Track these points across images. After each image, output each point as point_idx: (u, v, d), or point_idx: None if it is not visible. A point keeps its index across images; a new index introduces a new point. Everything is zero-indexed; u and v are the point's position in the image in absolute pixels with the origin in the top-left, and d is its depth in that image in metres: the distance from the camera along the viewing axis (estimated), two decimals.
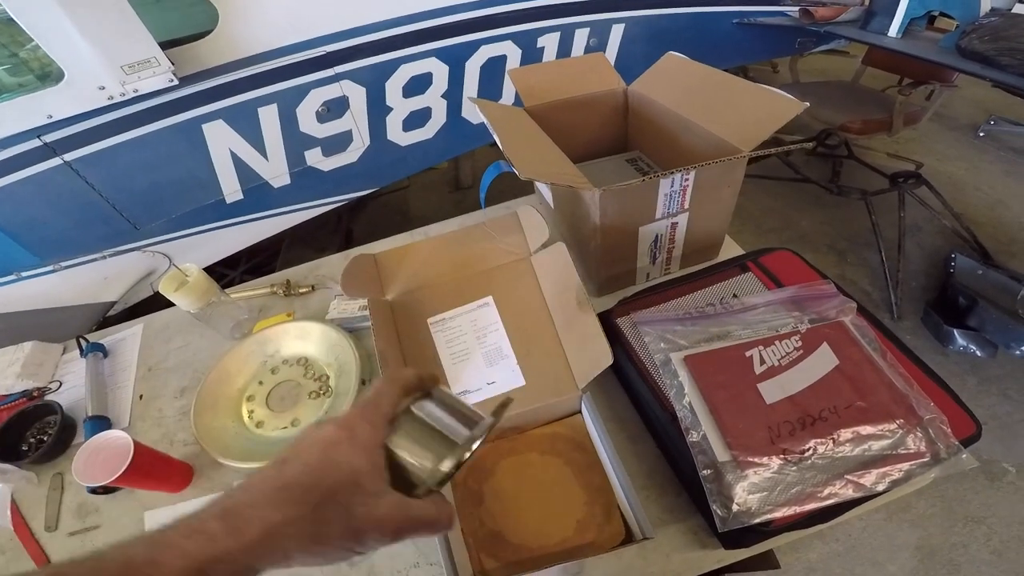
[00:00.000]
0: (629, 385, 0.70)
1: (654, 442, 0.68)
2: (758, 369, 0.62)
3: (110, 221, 1.35)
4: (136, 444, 0.69)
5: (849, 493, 0.52)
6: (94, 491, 0.76)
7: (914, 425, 0.56)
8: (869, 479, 0.53)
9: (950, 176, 2.21)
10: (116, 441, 0.71)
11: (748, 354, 0.63)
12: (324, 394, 0.82)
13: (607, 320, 0.70)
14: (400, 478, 0.34)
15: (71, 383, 0.97)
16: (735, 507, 0.52)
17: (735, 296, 0.73)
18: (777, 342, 0.64)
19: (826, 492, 0.52)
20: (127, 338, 1.05)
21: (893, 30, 1.71)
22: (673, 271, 0.88)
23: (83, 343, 1.01)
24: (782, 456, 0.54)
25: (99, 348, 1.01)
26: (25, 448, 0.86)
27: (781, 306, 0.69)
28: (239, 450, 0.77)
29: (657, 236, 0.80)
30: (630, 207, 0.73)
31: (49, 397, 0.93)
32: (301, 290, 1.01)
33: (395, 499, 0.32)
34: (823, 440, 0.55)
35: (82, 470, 0.69)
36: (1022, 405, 1.50)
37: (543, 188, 0.96)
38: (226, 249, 1.53)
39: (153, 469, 0.73)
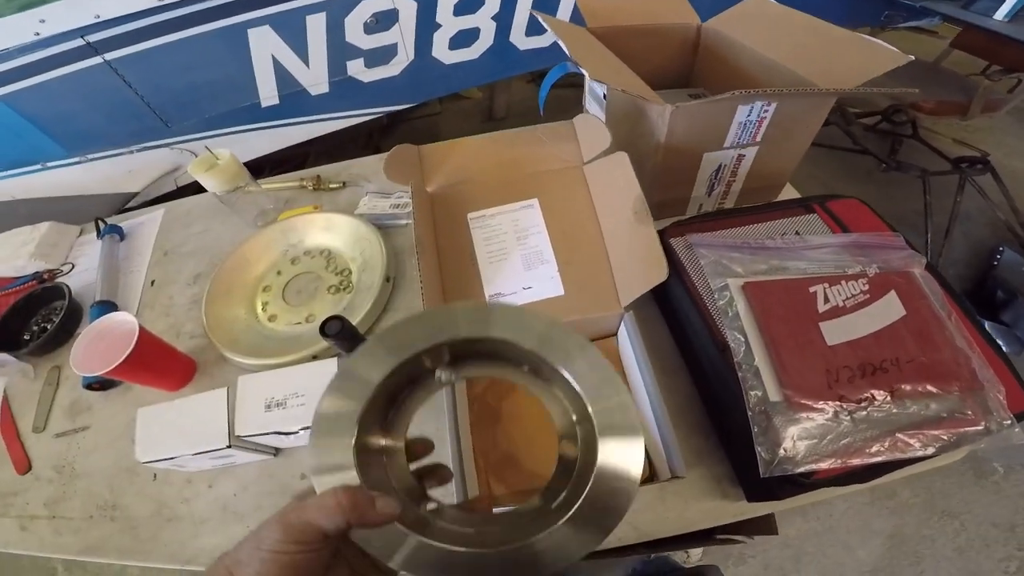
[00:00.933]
0: (675, 311, 0.65)
1: (690, 376, 0.64)
2: (821, 307, 0.56)
3: (142, 118, 1.34)
4: (141, 329, 0.66)
5: (897, 453, 0.48)
6: (89, 386, 0.74)
7: (973, 390, 0.51)
8: (920, 440, 0.48)
9: (1015, 171, 2.07)
10: (121, 326, 0.68)
11: (812, 290, 0.57)
12: (344, 289, 0.78)
13: (661, 239, 0.65)
14: None
15: (84, 266, 0.95)
16: (781, 452, 0.48)
17: (797, 233, 0.67)
18: (843, 282, 0.58)
19: (875, 448, 0.48)
20: (146, 222, 1.03)
21: (1001, 13, 1.56)
22: (727, 206, 0.82)
23: (101, 225, 0.99)
24: (838, 403, 0.50)
25: (116, 230, 0.99)
26: (27, 337, 0.83)
27: (846, 250, 0.63)
28: (248, 344, 0.74)
29: (720, 166, 0.74)
30: (700, 130, 0.68)
31: (60, 280, 0.90)
32: (332, 186, 0.98)
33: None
34: (882, 391, 0.50)
35: (81, 358, 0.65)
36: None
37: (595, 108, 0.89)
38: (254, 151, 1.49)
39: (156, 360, 0.70)
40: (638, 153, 0.74)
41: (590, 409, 0.31)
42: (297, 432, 0.58)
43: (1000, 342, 1.56)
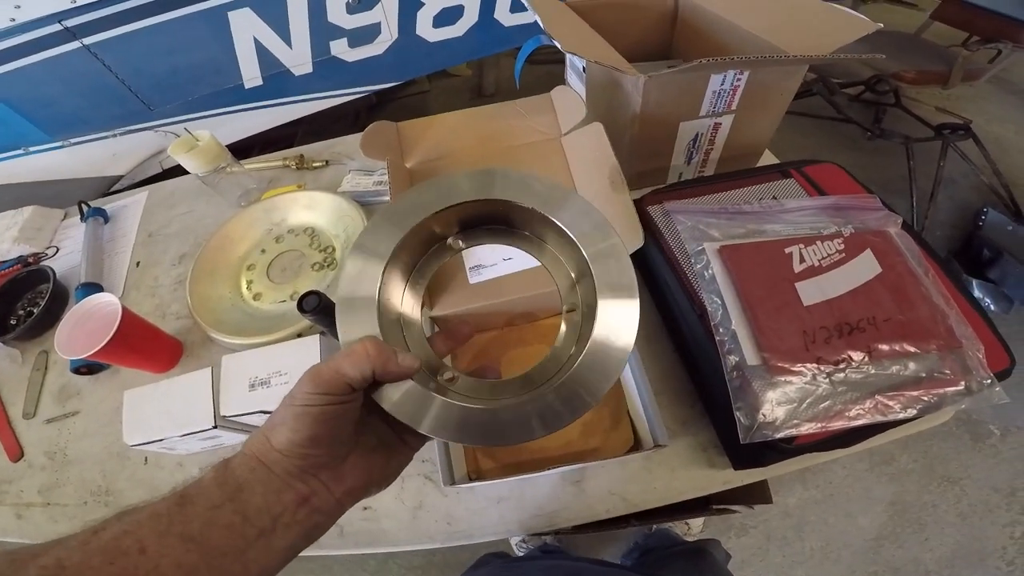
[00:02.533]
0: (654, 277, 0.65)
1: (672, 343, 0.65)
2: (797, 267, 0.57)
3: (124, 102, 1.33)
4: (125, 310, 0.66)
5: (878, 415, 0.48)
6: (77, 370, 0.74)
7: (951, 349, 0.51)
8: (900, 402, 0.48)
9: (997, 137, 2.10)
10: (104, 307, 0.67)
11: (788, 251, 0.58)
12: (328, 266, 0.79)
13: (637, 207, 0.65)
14: None
15: (69, 248, 0.95)
16: (761, 417, 0.48)
17: (775, 198, 0.67)
18: (819, 242, 0.59)
19: (855, 411, 0.48)
20: (130, 205, 1.02)
21: None
22: (708, 175, 0.82)
23: (85, 208, 0.98)
24: (816, 365, 0.50)
25: (100, 213, 0.98)
26: (14, 322, 0.83)
27: (823, 212, 0.63)
28: (233, 323, 0.74)
29: (697, 135, 0.74)
30: (674, 99, 0.68)
31: (45, 264, 0.89)
32: (315, 164, 0.98)
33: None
34: (860, 352, 0.50)
35: (65, 341, 0.65)
36: (1021, 368, 1.46)
37: (575, 82, 0.89)
38: (240, 132, 1.48)
39: (142, 342, 0.70)
40: (617, 124, 0.74)
41: (584, 253, 0.33)
42: None
43: (988, 299, 1.61)
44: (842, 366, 0.50)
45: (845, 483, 1.41)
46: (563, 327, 0.36)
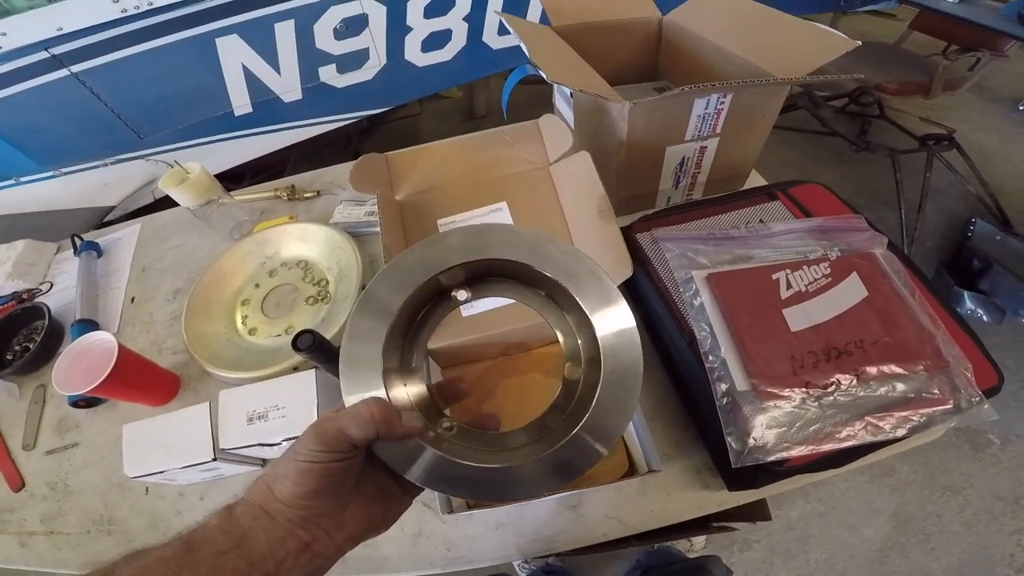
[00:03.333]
0: (645, 305, 0.66)
1: (664, 370, 0.66)
2: (784, 294, 0.58)
3: (114, 130, 1.33)
4: (121, 347, 0.66)
5: (867, 436, 0.49)
6: (75, 404, 0.74)
7: (939, 369, 0.52)
8: (889, 422, 0.49)
9: (981, 146, 2.14)
10: (100, 345, 0.68)
11: (775, 277, 0.59)
12: (322, 300, 0.79)
13: (625, 235, 0.66)
14: None
15: (63, 284, 0.94)
16: (751, 441, 0.49)
17: (761, 221, 0.68)
18: (805, 267, 0.60)
19: (844, 433, 0.49)
20: (123, 238, 1.02)
21: None
22: (696, 198, 0.84)
23: (78, 241, 0.98)
24: (804, 389, 0.51)
25: (94, 247, 0.98)
26: (10, 357, 0.83)
27: (809, 235, 0.65)
28: (229, 358, 0.74)
29: (684, 159, 0.76)
30: (660, 125, 0.69)
31: (39, 299, 0.90)
32: (306, 195, 0.98)
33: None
34: (848, 375, 0.51)
35: (62, 378, 0.66)
36: (1018, 376, 1.49)
37: (563, 107, 0.90)
38: (231, 160, 1.49)
39: (138, 378, 0.71)
40: (604, 150, 0.75)
41: (564, 284, 0.34)
42: (280, 443, 0.59)
43: (980, 311, 1.63)
44: (830, 389, 0.51)
45: (846, 495, 1.41)
46: (561, 386, 0.37)
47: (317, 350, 0.54)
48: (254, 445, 0.59)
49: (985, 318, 1.57)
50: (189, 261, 0.94)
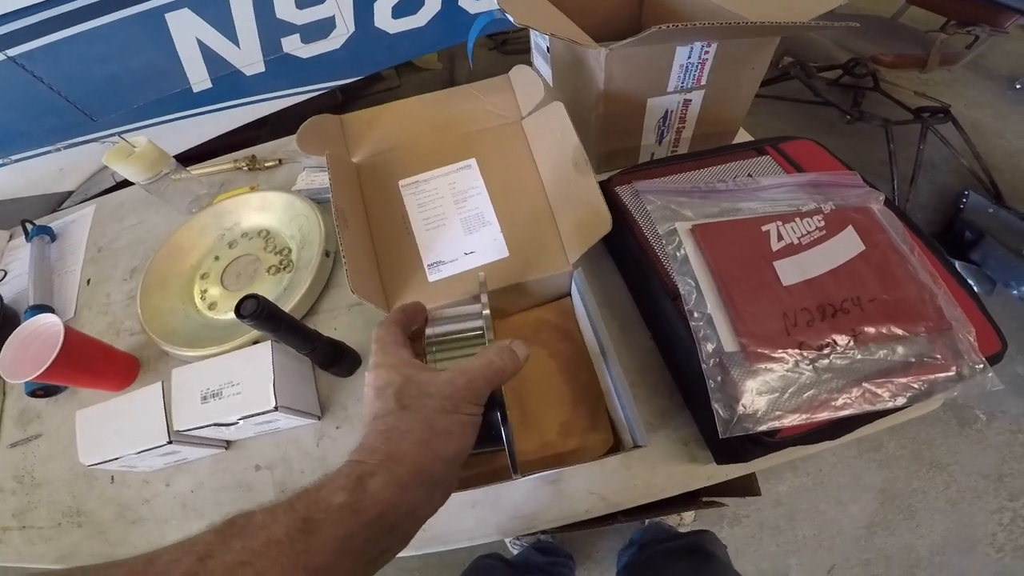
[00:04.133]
0: (627, 261, 0.62)
1: (648, 332, 0.62)
2: (775, 245, 0.53)
3: (63, 114, 1.26)
4: (68, 329, 0.62)
5: (865, 404, 0.44)
6: (33, 393, 0.70)
7: (941, 332, 0.48)
8: (889, 389, 0.45)
9: (975, 122, 2.11)
10: (47, 329, 0.64)
11: (765, 228, 0.54)
12: (285, 268, 0.74)
13: (605, 189, 0.61)
14: None
15: (16, 271, 0.90)
16: (740, 408, 0.44)
17: (750, 176, 0.64)
18: (797, 219, 0.55)
19: (841, 401, 0.44)
20: (78, 220, 0.97)
21: None
22: (681, 153, 0.79)
23: (29, 227, 0.93)
24: (798, 350, 0.46)
25: (46, 231, 0.94)
26: None
27: (801, 189, 0.60)
28: (186, 335, 0.70)
29: (667, 112, 0.71)
30: (639, 74, 0.64)
31: None
32: (267, 164, 0.92)
33: (449, 371, 0.34)
34: (844, 335, 0.47)
35: (9, 366, 0.62)
36: (1009, 355, 1.45)
37: (541, 64, 0.85)
38: (195, 138, 1.41)
39: (91, 361, 0.67)
40: (583, 104, 0.71)
41: None
42: (237, 423, 0.54)
43: (970, 281, 1.60)
44: (826, 351, 0.46)
45: (835, 470, 1.41)
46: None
47: (263, 317, 0.49)
48: (209, 425, 0.54)
49: (976, 288, 1.54)
50: (147, 239, 0.88)
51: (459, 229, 0.59)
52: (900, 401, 0.45)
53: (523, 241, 0.58)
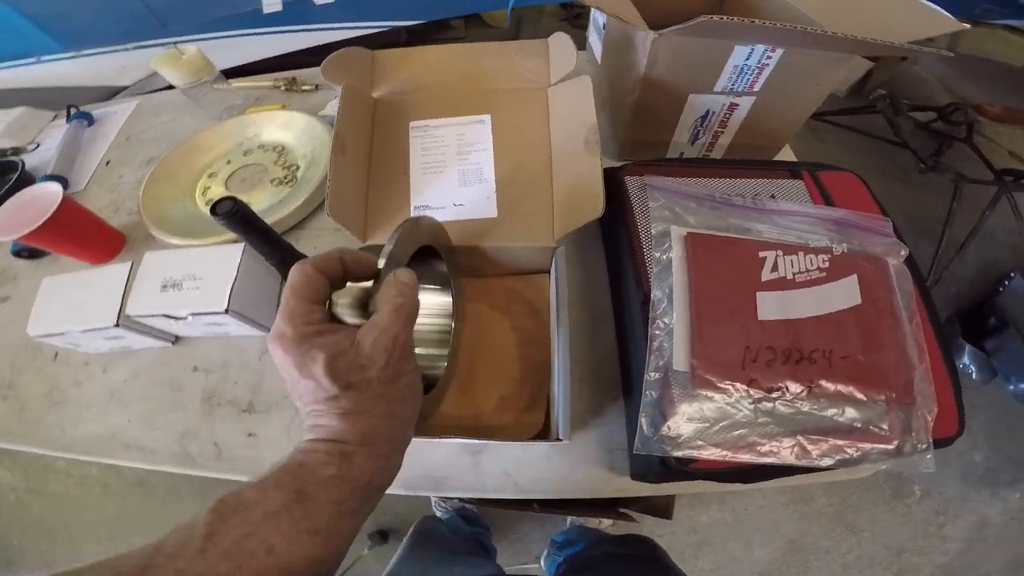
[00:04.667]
0: (614, 253, 0.59)
1: (616, 331, 0.59)
2: (765, 275, 0.50)
3: (140, 18, 1.34)
4: (65, 197, 0.64)
5: (790, 457, 0.42)
6: (17, 253, 0.73)
7: (901, 404, 0.44)
8: (820, 448, 0.42)
9: None
10: (46, 196, 0.66)
11: (762, 255, 0.51)
12: (288, 182, 0.76)
13: (615, 175, 0.59)
14: None
15: (48, 146, 0.96)
16: (665, 429, 0.43)
17: (772, 197, 0.60)
18: (800, 253, 0.51)
19: (767, 447, 0.42)
20: (118, 111, 1.02)
21: None
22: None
23: (72, 110, 0.99)
24: (746, 387, 0.44)
25: (86, 116, 0.99)
26: None
27: (821, 223, 0.56)
28: (175, 222, 0.72)
29: (708, 113, 0.66)
30: (687, 66, 0.60)
31: (22, 157, 0.91)
32: (304, 87, 0.93)
33: (368, 333, 0.32)
34: (800, 385, 0.44)
35: (1, 224, 0.64)
36: (976, 439, 1.42)
37: (594, 40, 0.82)
38: (254, 55, 1.44)
39: (78, 230, 0.68)
40: (623, 86, 0.68)
41: None
42: (185, 318, 0.55)
43: (973, 367, 1.50)
44: (774, 395, 0.44)
45: (759, 512, 1.40)
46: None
47: (237, 219, 0.49)
48: (159, 316, 0.55)
49: (975, 376, 1.48)
50: (174, 136, 0.91)
51: (455, 179, 0.57)
52: (826, 462, 0.42)
53: (514, 206, 0.56)
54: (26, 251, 0.73)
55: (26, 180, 0.83)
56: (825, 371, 0.44)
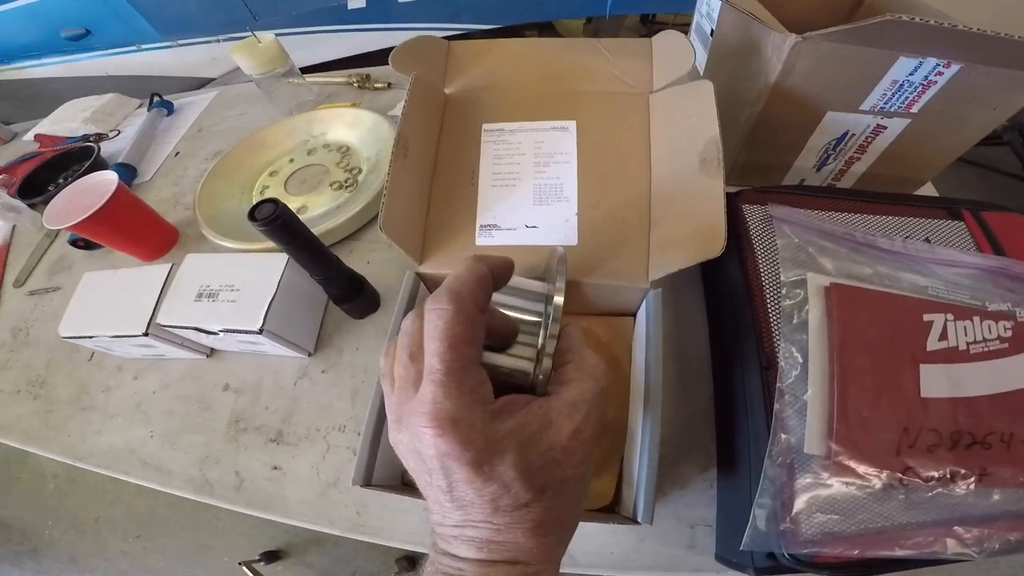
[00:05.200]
0: (721, 299, 0.49)
1: (713, 389, 0.48)
2: (932, 344, 0.38)
3: (233, 10, 1.39)
4: (119, 188, 0.61)
5: (937, 551, 0.33)
6: (74, 243, 0.71)
7: None
8: (974, 536, 0.33)
9: None
10: (103, 185, 0.62)
11: (928, 318, 0.39)
12: (348, 186, 0.70)
13: (730, 203, 0.48)
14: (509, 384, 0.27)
15: (128, 134, 0.96)
16: (785, 523, 0.33)
17: (928, 241, 0.47)
18: (976, 318, 0.39)
19: (913, 541, 0.33)
20: (197, 102, 1.02)
21: None
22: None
23: (154, 99, 1.00)
24: (900, 475, 0.34)
25: (167, 105, 0.99)
26: (51, 189, 0.84)
27: (990, 277, 0.43)
28: (227, 223, 0.67)
29: (846, 134, 0.54)
30: (830, 78, 0.49)
31: (104, 144, 0.93)
32: (377, 85, 0.89)
33: (559, 418, 0.24)
34: (970, 471, 0.34)
35: (56, 210, 0.61)
36: None
37: (698, 46, 0.71)
38: (335, 52, 1.46)
39: (129, 224, 0.65)
40: (736, 99, 0.57)
41: None
42: (217, 334, 0.48)
43: None
44: (933, 484, 0.34)
45: None
46: None
47: (278, 225, 0.42)
48: (190, 328, 0.48)
49: None
50: (243, 129, 0.89)
51: (529, 196, 0.48)
52: (973, 551, 0.33)
53: (600, 234, 0.46)
54: (81, 241, 0.71)
55: (99, 166, 0.82)
56: (1002, 457, 0.35)
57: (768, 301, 0.42)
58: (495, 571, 0.22)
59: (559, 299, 0.27)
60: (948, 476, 0.34)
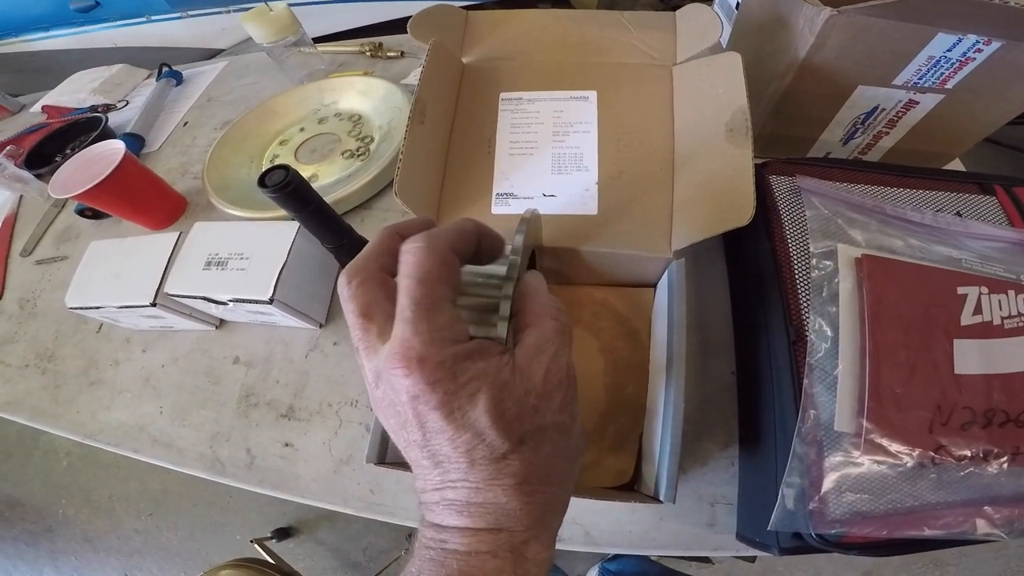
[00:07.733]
0: (745, 271, 0.47)
1: (737, 363, 0.47)
2: (967, 318, 0.37)
3: None
4: (126, 157, 0.60)
5: (967, 531, 0.32)
6: (82, 212, 0.70)
7: None
8: (1004, 516, 0.32)
9: None
10: (110, 154, 0.61)
11: (962, 291, 0.37)
12: (360, 155, 0.69)
13: (756, 173, 0.46)
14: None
15: (137, 104, 0.95)
16: (814, 503, 0.32)
17: (959, 215, 0.46)
18: (1011, 292, 0.38)
19: (943, 520, 0.32)
20: (206, 72, 1.00)
21: None
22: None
23: (163, 69, 0.98)
24: (932, 454, 0.33)
25: (175, 75, 0.98)
26: (58, 159, 0.83)
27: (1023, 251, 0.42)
28: (237, 191, 0.66)
29: (876, 108, 0.52)
30: (865, 52, 0.46)
31: (112, 115, 0.92)
32: (390, 54, 0.86)
33: (533, 361, 0.23)
34: (1000, 451, 0.33)
35: (63, 180, 0.60)
36: None
37: (721, 15, 0.69)
38: (348, 23, 1.42)
39: (136, 193, 0.64)
40: (763, 73, 0.55)
41: None
42: (227, 303, 0.47)
43: None
44: (966, 463, 0.33)
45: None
46: None
47: (289, 193, 0.41)
48: (198, 298, 0.48)
49: None
50: (254, 98, 0.87)
51: (547, 164, 0.47)
52: (1003, 532, 0.32)
53: (621, 203, 0.45)
54: (89, 211, 0.70)
55: (107, 136, 0.81)
56: None
57: (796, 273, 0.41)
58: (477, 542, 0.21)
59: (515, 258, 0.26)
60: (981, 455, 0.33)
